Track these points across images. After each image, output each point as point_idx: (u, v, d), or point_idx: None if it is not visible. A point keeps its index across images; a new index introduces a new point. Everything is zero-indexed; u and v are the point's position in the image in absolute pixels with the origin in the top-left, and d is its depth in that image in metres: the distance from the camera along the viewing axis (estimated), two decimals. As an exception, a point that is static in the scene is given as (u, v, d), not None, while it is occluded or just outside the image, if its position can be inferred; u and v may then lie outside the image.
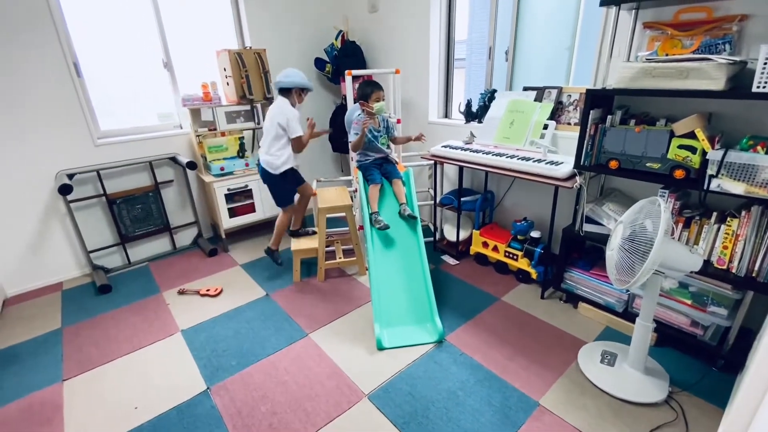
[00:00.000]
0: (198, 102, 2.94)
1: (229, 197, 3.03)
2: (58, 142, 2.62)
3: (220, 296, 2.56)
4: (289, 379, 1.84)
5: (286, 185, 2.65)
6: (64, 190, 2.46)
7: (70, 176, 2.60)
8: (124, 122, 2.96)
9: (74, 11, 2.58)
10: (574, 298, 2.27)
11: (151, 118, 3.08)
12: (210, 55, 3.09)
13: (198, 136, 3.03)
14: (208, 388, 1.82)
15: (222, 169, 2.99)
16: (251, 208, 3.17)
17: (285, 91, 2.50)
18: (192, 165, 2.90)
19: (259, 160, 2.61)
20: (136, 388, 1.84)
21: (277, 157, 2.51)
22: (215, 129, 3.05)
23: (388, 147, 2.58)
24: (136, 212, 2.98)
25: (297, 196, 2.81)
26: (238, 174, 3.06)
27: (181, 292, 2.61)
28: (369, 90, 2.38)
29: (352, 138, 2.47)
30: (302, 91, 2.54)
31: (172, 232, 3.19)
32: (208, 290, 2.59)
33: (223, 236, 3.14)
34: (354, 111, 2.57)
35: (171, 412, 1.69)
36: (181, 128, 3.17)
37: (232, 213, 3.08)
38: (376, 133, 2.47)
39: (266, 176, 2.60)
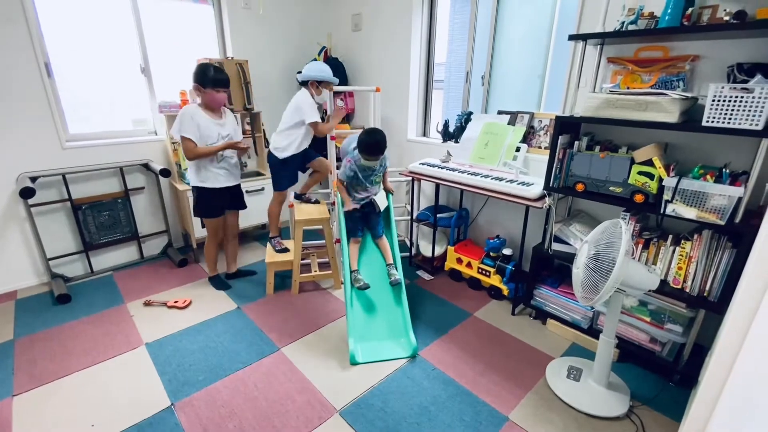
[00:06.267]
0: (175, 109, 2.90)
1: (203, 206, 2.97)
2: (22, 143, 2.50)
3: (188, 308, 2.48)
4: (259, 394, 1.80)
5: (285, 170, 2.64)
6: (26, 193, 2.34)
7: (33, 179, 2.48)
8: (97, 126, 2.87)
9: (49, 10, 2.51)
10: (543, 315, 2.35)
11: (125, 123, 3.01)
12: (190, 62, 3.06)
13: (173, 143, 2.97)
14: (172, 404, 1.74)
15: (197, 177, 2.93)
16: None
17: (305, 83, 2.55)
18: (166, 172, 2.84)
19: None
20: (93, 404, 1.74)
21: (282, 139, 2.57)
22: (192, 137, 2.99)
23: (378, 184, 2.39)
24: (102, 219, 2.86)
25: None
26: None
27: (147, 304, 2.51)
28: (370, 150, 2.15)
29: (341, 175, 2.32)
30: (319, 83, 2.54)
31: (140, 241, 3.08)
32: (176, 302, 2.50)
33: (195, 246, 3.06)
34: (351, 143, 2.42)
35: (131, 430, 1.61)
36: (156, 135, 3.10)
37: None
38: (369, 172, 2.26)
39: (270, 157, 2.65)
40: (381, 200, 2.39)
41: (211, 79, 2.23)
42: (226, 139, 2.37)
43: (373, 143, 2.15)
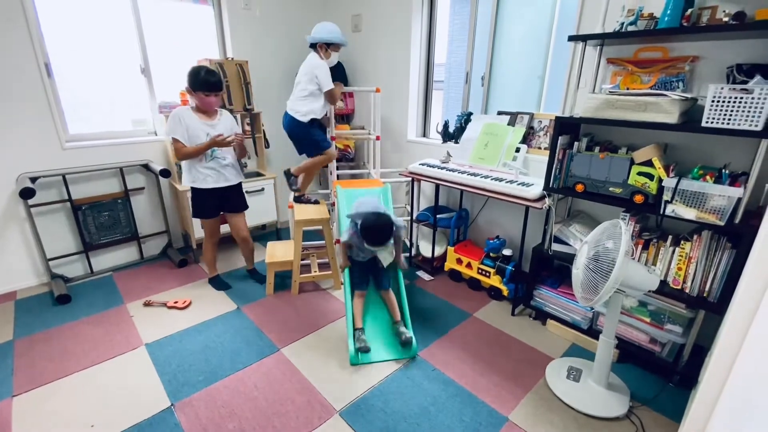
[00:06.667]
0: (175, 109, 2.90)
1: (203, 207, 2.97)
2: (22, 144, 2.50)
3: (188, 309, 2.48)
4: (259, 395, 1.80)
5: (312, 132, 2.54)
6: (26, 193, 2.34)
7: (33, 179, 2.48)
8: (97, 126, 2.87)
9: (49, 10, 2.51)
10: (542, 315, 2.35)
11: (125, 123, 3.01)
12: (190, 63, 3.06)
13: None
14: (172, 404, 1.74)
15: (197, 178, 2.93)
16: (225, 219, 3.11)
17: (313, 46, 2.47)
18: (166, 173, 2.84)
19: (286, 112, 2.57)
20: (93, 405, 1.74)
21: (305, 105, 2.47)
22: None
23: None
24: (102, 219, 2.86)
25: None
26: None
27: (147, 304, 2.50)
28: (372, 241, 2.00)
29: (344, 237, 2.16)
30: (327, 46, 2.44)
31: (140, 241, 3.08)
32: (176, 302, 2.50)
33: (195, 246, 3.06)
34: (354, 212, 2.12)
35: (130, 431, 1.61)
36: (156, 135, 3.10)
37: (206, 223, 3.01)
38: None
39: (292, 124, 2.54)
40: (386, 254, 2.14)
41: (200, 82, 2.22)
42: None
43: (375, 234, 1.94)
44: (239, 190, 2.61)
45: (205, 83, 2.23)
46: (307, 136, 2.57)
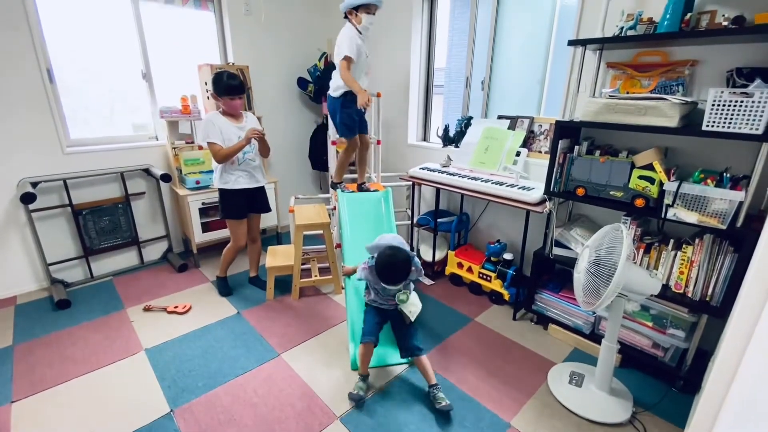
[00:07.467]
0: (176, 114, 2.91)
1: (203, 211, 2.97)
2: (23, 149, 2.51)
3: (188, 314, 2.47)
4: (259, 401, 1.79)
5: (340, 110, 2.40)
6: (27, 198, 2.34)
7: (34, 184, 2.48)
8: (98, 131, 2.88)
9: (51, 16, 2.53)
10: (544, 320, 2.33)
11: (126, 128, 3.02)
12: (191, 68, 3.08)
13: (174, 148, 2.98)
14: (171, 410, 1.73)
15: (197, 182, 2.94)
16: (225, 223, 3.11)
17: (345, 16, 2.31)
18: (166, 177, 2.84)
19: None
20: (92, 410, 1.73)
21: (334, 78, 2.38)
22: (192, 142, 3.02)
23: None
24: (103, 224, 2.86)
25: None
26: (214, 188, 3.00)
27: (147, 309, 2.50)
28: (387, 279, 1.75)
29: (359, 273, 1.93)
30: (356, 10, 2.24)
31: (140, 246, 3.08)
32: (176, 307, 2.49)
33: (195, 251, 3.05)
34: (375, 247, 1.88)
35: (130, 437, 1.60)
36: (157, 140, 3.11)
37: (206, 228, 3.01)
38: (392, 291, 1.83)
39: (328, 102, 2.48)
40: (412, 305, 1.85)
41: (223, 88, 2.26)
42: None
43: (389, 270, 1.74)
44: (264, 192, 2.64)
45: (229, 87, 2.27)
46: (334, 112, 2.45)
